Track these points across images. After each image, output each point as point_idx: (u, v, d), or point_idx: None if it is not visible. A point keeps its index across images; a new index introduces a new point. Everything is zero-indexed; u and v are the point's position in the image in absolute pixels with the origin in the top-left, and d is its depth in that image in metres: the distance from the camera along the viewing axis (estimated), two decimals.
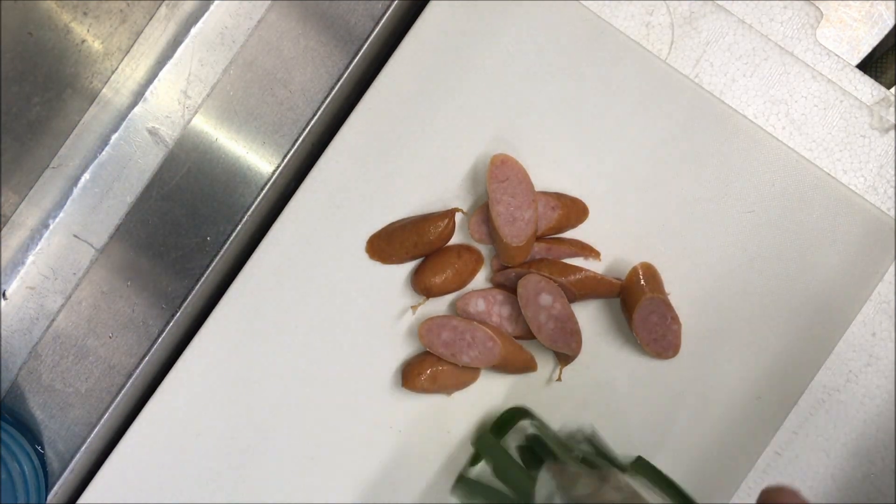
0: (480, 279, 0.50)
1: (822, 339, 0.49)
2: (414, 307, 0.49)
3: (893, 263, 0.49)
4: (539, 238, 0.49)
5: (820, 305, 0.49)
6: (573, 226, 0.49)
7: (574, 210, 0.49)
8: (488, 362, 0.47)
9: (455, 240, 0.50)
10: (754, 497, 0.48)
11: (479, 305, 0.49)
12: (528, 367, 0.48)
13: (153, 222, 0.50)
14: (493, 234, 0.48)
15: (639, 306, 0.47)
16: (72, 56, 0.46)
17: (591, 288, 0.48)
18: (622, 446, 0.49)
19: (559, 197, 0.49)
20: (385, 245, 0.49)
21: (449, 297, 0.50)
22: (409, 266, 0.50)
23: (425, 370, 0.48)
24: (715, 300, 0.49)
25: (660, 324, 0.48)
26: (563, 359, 0.48)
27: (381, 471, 0.49)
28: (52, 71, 0.45)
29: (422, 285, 0.48)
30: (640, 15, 0.50)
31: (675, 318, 0.48)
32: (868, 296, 0.49)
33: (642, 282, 0.48)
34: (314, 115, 0.50)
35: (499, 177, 0.47)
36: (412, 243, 0.48)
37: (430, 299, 0.50)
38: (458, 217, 0.49)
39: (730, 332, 0.49)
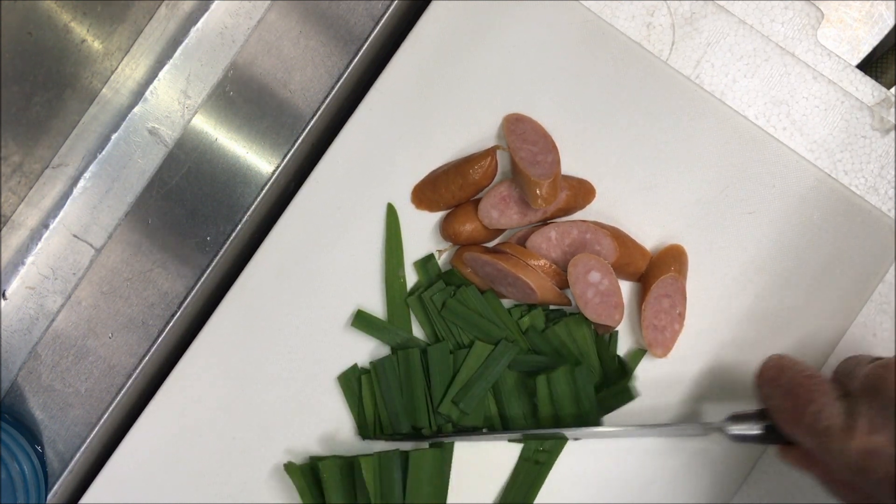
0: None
1: (822, 340, 0.49)
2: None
3: (893, 263, 0.49)
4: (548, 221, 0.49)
5: (820, 306, 0.49)
6: (581, 207, 0.49)
7: (582, 190, 0.49)
8: (523, 301, 0.48)
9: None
10: (755, 497, 0.48)
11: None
12: (559, 303, 0.48)
13: (153, 222, 0.50)
14: (519, 182, 0.47)
15: (661, 280, 0.47)
16: (72, 56, 0.46)
17: (625, 246, 0.48)
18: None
19: (565, 178, 0.49)
20: (430, 192, 0.49)
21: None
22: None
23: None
24: (715, 300, 0.49)
25: (668, 312, 0.47)
26: (604, 327, 0.48)
27: None
28: (52, 71, 0.45)
29: (450, 230, 0.48)
30: (641, 16, 0.50)
31: (682, 317, 0.48)
32: (868, 296, 0.49)
33: (673, 261, 0.48)
34: (314, 115, 0.50)
35: (516, 131, 0.48)
36: (457, 186, 0.48)
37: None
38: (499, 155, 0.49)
39: (730, 332, 0.49)
